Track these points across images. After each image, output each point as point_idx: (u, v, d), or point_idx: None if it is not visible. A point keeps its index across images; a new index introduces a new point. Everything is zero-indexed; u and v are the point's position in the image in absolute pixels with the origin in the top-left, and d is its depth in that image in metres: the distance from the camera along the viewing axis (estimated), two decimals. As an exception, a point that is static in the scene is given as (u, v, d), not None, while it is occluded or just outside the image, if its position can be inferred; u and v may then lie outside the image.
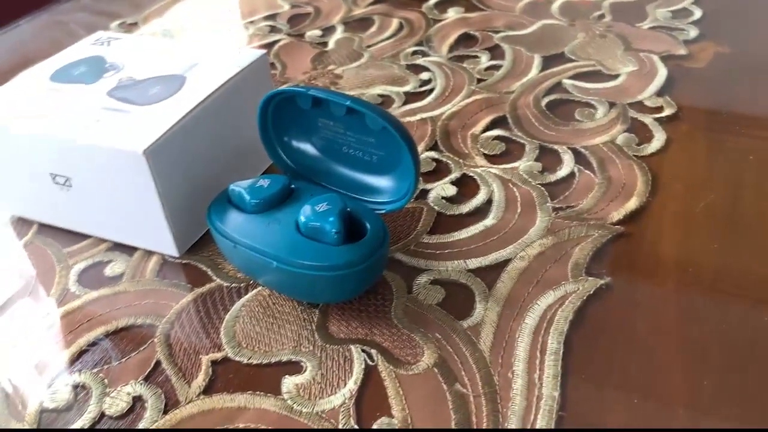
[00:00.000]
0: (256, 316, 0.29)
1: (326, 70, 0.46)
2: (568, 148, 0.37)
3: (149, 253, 0.32)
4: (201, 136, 0.31)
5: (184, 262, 0.31)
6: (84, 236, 0.33)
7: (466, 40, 0.48)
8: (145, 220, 0.30)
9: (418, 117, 0.40)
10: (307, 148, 0.32)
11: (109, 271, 0.31)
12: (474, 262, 0.30)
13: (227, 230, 0.28)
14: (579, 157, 0.36)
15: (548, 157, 0.36)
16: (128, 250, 0.32)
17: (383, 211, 0.29)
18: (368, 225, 0.27)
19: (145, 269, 0.31)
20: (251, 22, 0.54)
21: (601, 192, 0.34)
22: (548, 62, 0.45)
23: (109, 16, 0.57)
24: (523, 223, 0.32)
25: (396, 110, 0.41)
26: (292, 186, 0.29)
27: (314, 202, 0.27)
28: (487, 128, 0.39)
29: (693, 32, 0.47)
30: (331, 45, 0.49)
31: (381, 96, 0.43)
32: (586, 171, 0.35)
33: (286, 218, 0.28)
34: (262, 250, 0.27)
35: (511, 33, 0.49)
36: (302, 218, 0.27)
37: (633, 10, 0.50)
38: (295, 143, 0.32)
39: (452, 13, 0.52)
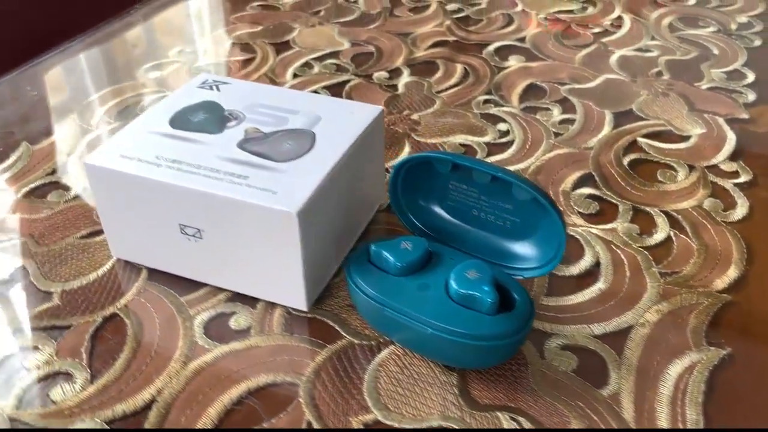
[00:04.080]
0: (395, 377, 0.29)
1: (403, 115, 0.47)
2: (660, 210, 0.38)
3: (271, 305, 0.32)
4: (334, 192, 0.31)
5: (309, 316, 0.32)
6: (199, 284, 0.33)
7: (534, 90, 0.50)
8: (279, 274, 0.30)
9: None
10: (435, 209, 0.32)
11: (234, 323, 0.31)
12: (598, 328, 0.31)
13: (374, 292, 0.28)
14: (672, 221, 0.38)
15: (642, 219, 0.38)
16: (248, 300, 0.32)
17: (521, 277, 0.30)
18: (515, 294, 0.28)
19: (272, 323, 0.31)
20: (316, 58, 0.54)
21: (701, 259, 0.35)
22: (619, 119, 0.46)
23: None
24: (634, 287, 0.33)
25: (482, 162, 0.42)
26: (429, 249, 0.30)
27: (462, 269, 0.28)
28: (576, 185, 0.40)
29: (751, 96, 0.49)
30: (400, 88, 0.50)
31: (463, 146, 0.44)
32: (682, 236, 0.37)
33: (434, 283, 0.28)
34: (416, 316, 0.27)
35: (576, 86, 0.50)
36: (453, 285, 0.28)
37: (688, 68, 0.53)
38: (423, 203, 0.32)
39: (513, 62, 0.54)
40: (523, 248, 0.30)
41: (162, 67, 0.53)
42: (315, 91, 0.49)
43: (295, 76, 0.51)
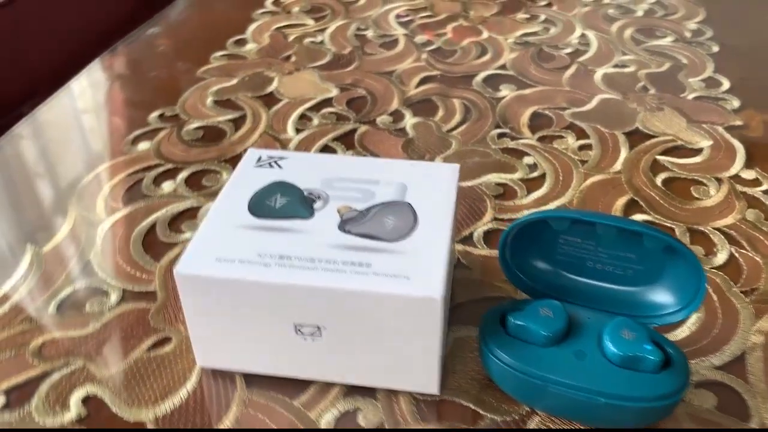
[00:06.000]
0: (555, 450, 0.28)
1: (426, 160, 0.46)
2: (714, 228, 0.40)
3: (394, 393, 0.30)
4: (449, 264, 0.29)
5: (438, 399, 0.30)
6: (305, 383, 0.30)
7: (540, 119, 0.50)
8: (410, 360, 0.28)
9: (552, 205, 0.41)
10: (545, 265, 0.31)
11: (363, 421, 0.29)
12: (716, 359, 0.32)
13: (533, 369, 0.27)
14: (729, 238, 0.39)
15: (700, 240, 0.39)
16: (366, 392, 0.30)
17: (655, 325, 0.30)
18: (667, 347, 0.28)
19: (403, 414, 0.29)
20: (309, 108, 0.51)
21: (771, 272, 0.37)
22: (630, 138, 0.48)
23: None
24: (727, 311, 0.34)
25: (525, 200, 0.42)
26: (561, 310, 0.29)
27: (614, 329, 0.27)
28: (626, 212, 0.41)
29: (735, 102, 0.52)
30: (409, 131, 0.49)
31: (499, 185, 0.43)
32: (743, 251, 0.38)
33: (588, 349, 0.28)
34: (587, 388, 0.26)
35: (576, 109, 0.51)
36: (612, 348, 0.27)
37: (668, 80, 0.55)
38: (531, 261, 0.31)
39: (506, 91, 0.54)
40: (654, 295, 0.30)
41: (149, 135, 0.49)
42: (327, 146, 0.47)
43: (297, 131, 0.49)
